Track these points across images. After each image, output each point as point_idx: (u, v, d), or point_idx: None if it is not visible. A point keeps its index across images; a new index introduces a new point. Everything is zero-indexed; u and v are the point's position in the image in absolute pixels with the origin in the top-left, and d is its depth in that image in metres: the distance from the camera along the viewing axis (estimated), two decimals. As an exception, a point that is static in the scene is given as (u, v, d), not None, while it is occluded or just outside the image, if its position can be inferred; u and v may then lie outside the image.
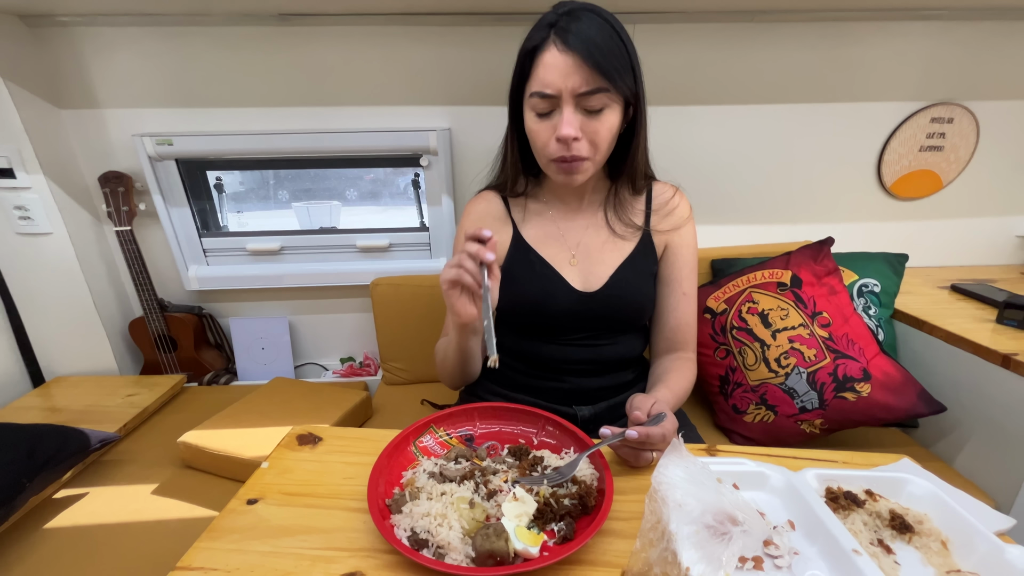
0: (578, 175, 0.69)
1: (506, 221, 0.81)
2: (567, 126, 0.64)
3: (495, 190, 0.83)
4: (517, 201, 0.82)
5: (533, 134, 0.69)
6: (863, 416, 0.94)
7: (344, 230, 1.40)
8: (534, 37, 0.65)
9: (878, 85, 1.25)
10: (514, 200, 0.82)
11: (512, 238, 0.80)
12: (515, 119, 0.73)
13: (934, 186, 1.35)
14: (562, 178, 0.70)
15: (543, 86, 0.64)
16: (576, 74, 0.62)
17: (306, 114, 1.23)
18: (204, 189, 1.36)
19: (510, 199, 0.82)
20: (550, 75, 0.63)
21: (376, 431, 0.67)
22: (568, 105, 0.64)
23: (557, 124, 0.65)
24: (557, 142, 0.66)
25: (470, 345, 0.73)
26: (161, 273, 1.35)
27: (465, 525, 0.48)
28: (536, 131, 0.68)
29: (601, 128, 0.66)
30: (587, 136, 0.66)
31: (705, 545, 0.42)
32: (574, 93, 0.63)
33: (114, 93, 1.18)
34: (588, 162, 0.68)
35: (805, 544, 0.47)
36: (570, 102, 0.64)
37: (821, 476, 0.54)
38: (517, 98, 0.70)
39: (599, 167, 0.72)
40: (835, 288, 1.02)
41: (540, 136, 0.68)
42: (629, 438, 0.55)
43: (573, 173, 0.69)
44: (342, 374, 1.46)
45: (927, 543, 0.47)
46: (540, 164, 0.73)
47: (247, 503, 0.54)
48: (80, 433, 0.91)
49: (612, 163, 0.77)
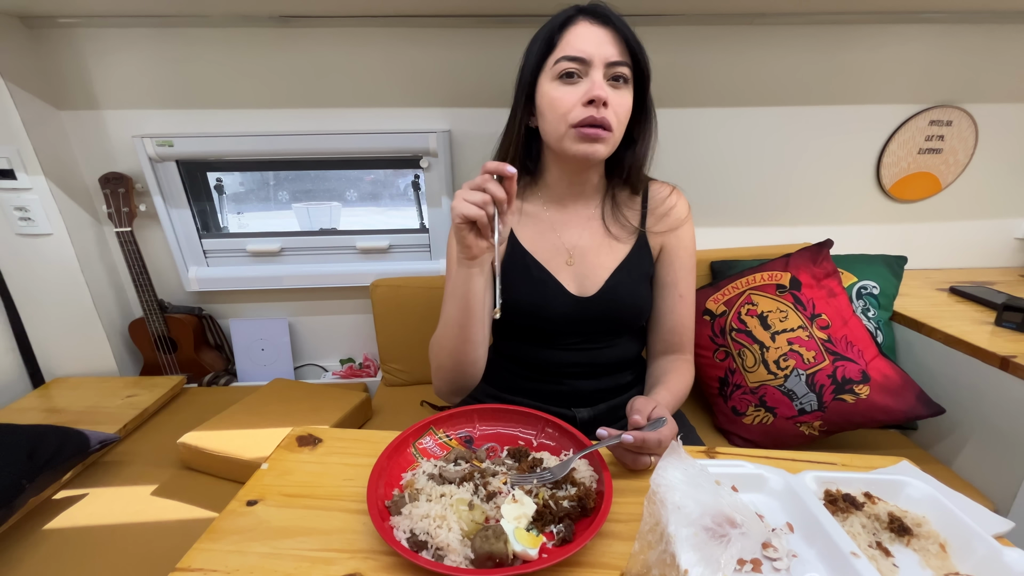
0: (600, 145, 0.67)
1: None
2: (601, 87, 0.64)
3: None
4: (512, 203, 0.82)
5: (555, 101, 0.67)
6: (862, 418, 0.94)
7: (344, 231, 1.41)
8: (561, 16, 0.68)
9: (877, 88, 1.26)
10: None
11: (508, 241, 0.79)
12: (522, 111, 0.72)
13: (933, 188, 1.36)
14: (583, 147, 0.67)
15: (576, 51, 0.65)
16: (609, 44, 0.65)
17: (306, 116, 1.23)
18: (204, 190, 1.36)
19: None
20: (584, 43, 0.65)
21: (376, 432, 0.67)
22: (598, 72, 0.65)
23: (587, 88, 0.65)
24: (585, 106, 0.65)
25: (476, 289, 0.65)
26: (161, 274, 1.35)
27: (464, 527, 0.48)
28: (558, 97, 0.66)
29: (623, 101, 0.67)
30: (612, 105, 0.66)
31: (704, 547, 0.42)
32: (606, 61, 0.65)
33: (114, 94, 1.18)
34: (611, 135, 0.67)
35: (803, 546, 0.47)
36: (600, 69, 0.65)
37: (820, 478, 0.54)
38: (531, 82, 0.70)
39: (613, 148, 0.70)
40: (834, 290, 1.03)
41: (564, 101, 0.66)
42: (625, 442, 0.55)
43: (597, 141, 0.67)
44: (342, 375, 1.46)
45: (925, 546, 0.48)
46: (555, 136, 0.69)
47: (247, 504, 0.54)
48: (80, 434, 0.91)
49: (610, 163, 0.77)
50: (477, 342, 0.70)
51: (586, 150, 0.68)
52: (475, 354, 0.71)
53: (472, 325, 0.68)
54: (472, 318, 0.68)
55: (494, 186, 0.56)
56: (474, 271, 0.64)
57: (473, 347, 0.70)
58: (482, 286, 0.66)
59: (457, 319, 0.68)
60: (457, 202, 0.58)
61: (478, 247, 0.60)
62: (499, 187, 0.57)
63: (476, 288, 0.65)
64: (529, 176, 0.81)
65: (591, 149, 0.68)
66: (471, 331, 0.69)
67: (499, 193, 0.56)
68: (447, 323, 0.71)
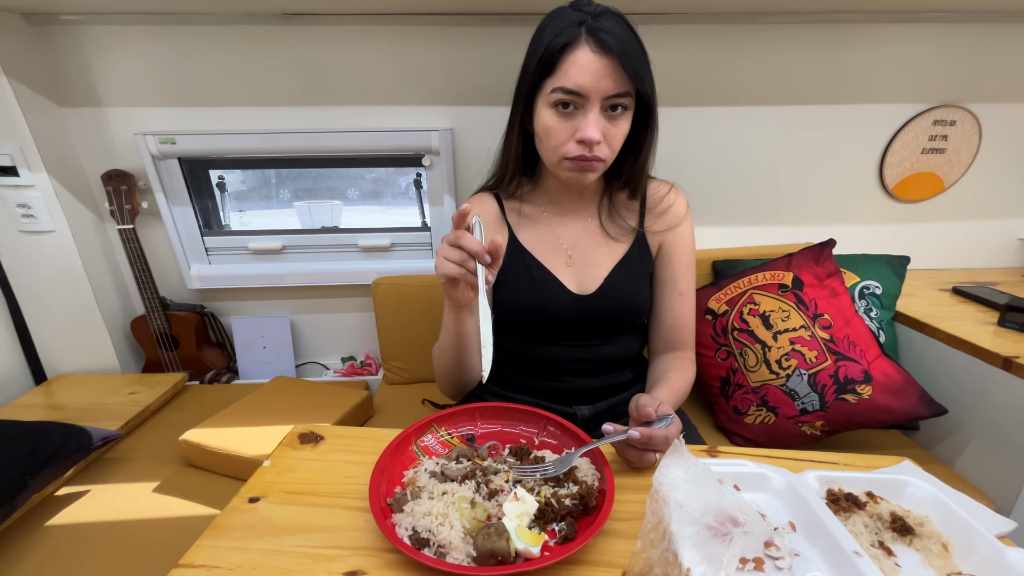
0: (591, 175, 0.69)
1: (502, 224, 0.80)
2: (593, 129, 0.63)
3: (490, 192, 0.83)
4: (512, 204, 0.81)
5: (550, 131, 0.67)
6: (864, 418, 0.94)
7: (346, 229, 1.41)
8: (564, 34, 0.63)
9: (881, 87, 1.25)
10: (508, 202, 0.81)
11: (508, 242, 0.79)
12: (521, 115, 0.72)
13: (936, 188, 1.35)
14: (574, 176, 0.69)
15: (574, 85, 0.62)
16: (609, 78, 0.62)
17: (308, 113, 1.23)
18: (206, 188, 1.36)
19: (505, 201, 0.81)
20: (582, 76, 0.62)
21: (378, 430, 0.67)
22: (595, 108, 0.64)
23: (579, 125, 0.64)
24: (578, 143, 0.65)
25: (468, 329, 0.69)
26: (163, 271, 1.35)
27: (466, 524, 0.48)
28: (554, 129, 0.66)
29: (619, 132, 0.67)
30: (606, 140, 0.66)
31: (706, 546, 0.42)
32: (603, 96, 0.63)
33: (117, 91, 1.18)
34: (603, 164, 0.68)
35: (806, 545, 0.47)
36: (597, 105, 0.63)
37: (822, 478, 0.54)
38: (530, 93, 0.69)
39: (606, 168, 0.71)
40: (836, 290, 1.02)
41: (558, 135, 0.66)
42: (632, 438, 0.55)
43: (587, 172, 0.68)
44: (343, 373, 1.46)
45: (928, 545, 0.48)
46: (548, 162, 0.71)
47: (249, 501, 0.54)
48: (82, 431, 0.92)
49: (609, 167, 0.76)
50: (474, 364, 0.75)
51: (577, 179, 0.69)
52: (474, 371, 0.76)
53: (467, 356, 0.73)
54: (467, 351, 0.72)
55: (468, 240, 0.56)
56: (463, 315, 0.67)
57: (470, 368, 0.75)
58: (474, 325, 0.68)
59: (452, 352, 0.72)
60: (438, 260, 0.59)
61: (464, 298, 0.63)
62: (474, 240, 0.56)
63: (468, 329, 0.69)
64: (528, 177, 0.81)
65: (582, 178, 0.69)
66: (467, 361, 0.74)
67: (473, 246, 0.56)
68: (443, 349, 0.74)
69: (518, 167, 0.77)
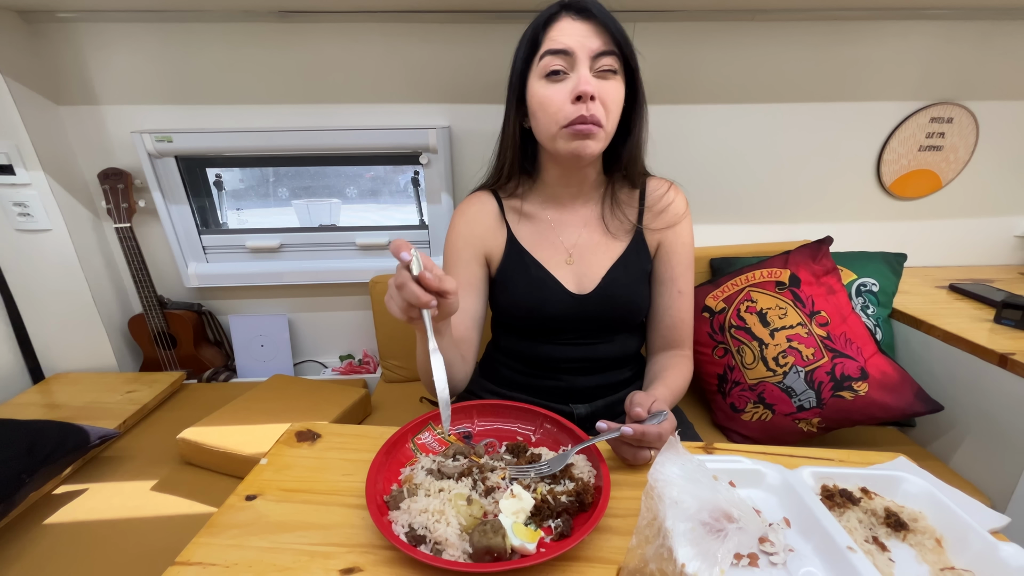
0: (591, 142, 0.67)
1: (500, 223, 0.80)
2: (585, 83, 0.63)
3: (489, 191, 0.82)
4: (511, 203, 0.81)
5: (544, 100, 0.66)
6: (860, 415, 0.94)
7: (344, 228, 1.41)
8: (545, 13, 0.68)
9: (878, 84, 1.26)
10: (507, 201, 0.81)
11: (507, 241, 0.79)
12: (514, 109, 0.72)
13: (933, 186, 1.36)
14: (575, 145, 0.67)
15: (559, 44, 0.65)
16: (592, 37, 0.64)
17: (306, 111, 1.23)
18: (204, 186, 1.36)
19: (504, 200, 0.81)
20: (565, 36, 0.65)
21: (375, 428, 0.67)
22: (584, 64, 0.64)
23: (573, 84, 0.64)
24: (574, 103, 0.65)
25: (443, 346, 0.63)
26: (161, 270, 1.35)
27: (463, 521, 0.48)
28: (547, 96, 0.66)
29: (613, 92, 0.66)
30: (601, 99, 0.65)
31: (701, 542, 0.42)
32: (590, 54, 0.64)
33: (113, 89, 1.18)
34: (601, 131, 0.67)
35: (800, 541, 0.47)
36: (586, 62, 0.64)
37: (817, 474, 0.54)
38: (520, 81, 0.70)
39: (606, 143, 0.70)
40: (833, 287, 1.03)
41: (553, 100, 0.65)
42: (625, 435, 0.56)
43: (588, 138, 0.66)
44: (341, 372, 1.46)
45: (922, 541, 0.48)
46: (547, 138, 0.69)
47: (246, 499, 0.54)
48: (79, 429, 0.92)
49: (608, 158, 0.76)
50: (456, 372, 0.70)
51: (578, 148, 0.67)
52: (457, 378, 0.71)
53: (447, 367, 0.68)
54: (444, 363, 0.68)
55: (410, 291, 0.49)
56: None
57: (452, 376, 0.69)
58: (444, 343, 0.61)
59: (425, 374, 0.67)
60: (386, 299, 0.53)
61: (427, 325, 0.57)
62: (417, 290, 0.49)
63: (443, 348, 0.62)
64: (527, 176, 0.80)
65: (583, 146, 0.67)
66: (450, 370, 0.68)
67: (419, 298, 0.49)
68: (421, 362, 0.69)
69: (515, 165, 0.77)
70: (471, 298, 0.78)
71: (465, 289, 0.78)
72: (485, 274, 0.81)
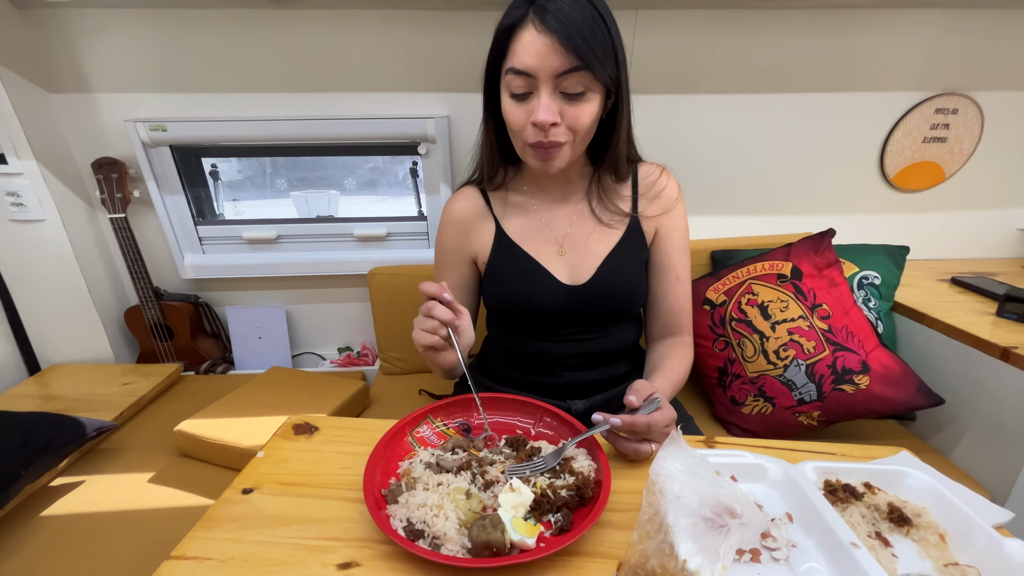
0: (555, 161, 0.67)
1: (487, 217, 0.79)
2: (544, 111, 0.61)
3: (475, 185, 0.81)
4: (497, 194, 0.80)
5: (509, 116, 0.66)
6: (861, 408, 0.94)
7: (342, 219, 1.39)
8: (511, 14, 0.62)
9: (882, 75, 1.24)
10: (494, 194, 0.80)
11: (495, 235, 0.78)
12: (491, 103, 0.71)
13: (936, 178, 1.34)
14: (538, 164, 0.68)
15: (521, 65, 0.60)
16: (554, 55, 0.59)
17: (303, 100, 1.21)
18: (199, 176, 1.34)
19: (490, 193, 0.80)
20: (527, 56, 0.60)
21: (373, 421, 0.66)
22: (546, 88, 0.61)
23: (534, 108, 0.62)
24: (533, 127, 0.63)
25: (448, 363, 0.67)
26: (156, 261, 1.34)
27: (461, 516, 0.48)
28: (512, 113, 0.65)
29: (581, 114, 0.63)
30: (566, 122, 0.63)
31: (703, 537, 0.41)
32: (552, 75, 0.60)
33: (106, 77, 1.16)
34: (566, 147, 0.66)
35: (803, 536, 0.46)
36: (548, 84, 0.61)
37: (820, 469, 0.54)
38: (493, 80, 0.67)
39: (579, 153, 0.69)
40: (835, 280, 1.02)
41: (516, 120, 0.65)
42: (614, 426, 0.55)
43: (550, 159, 0.66)
44: (339, 364, 1.45)
45: (925, 536, 0.47)
46: (516, 149, 0.70)
47: (242, 492, 0.54)
48: (75, 421, 0.91)
49: (594, 148, 0.74)
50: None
51: (542, 167, 0.68)
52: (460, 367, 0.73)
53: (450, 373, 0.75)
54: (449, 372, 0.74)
55: (440, 311, 0.60)
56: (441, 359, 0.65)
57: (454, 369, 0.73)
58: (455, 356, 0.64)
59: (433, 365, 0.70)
60: (415, 333, 0.62)
61: (447, 362, 0.64)
62: (445, 310, 0.60)
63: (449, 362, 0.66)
64: (512, 164, 0.78)
65: (546, 166, 0.68)
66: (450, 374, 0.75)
67: (445, 316, 0.59)
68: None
69: (496, 157, 0.76)
70: (462, 298, 0.81)
71: (457, 291, 0.81)
72: (475, 273, 0.82)
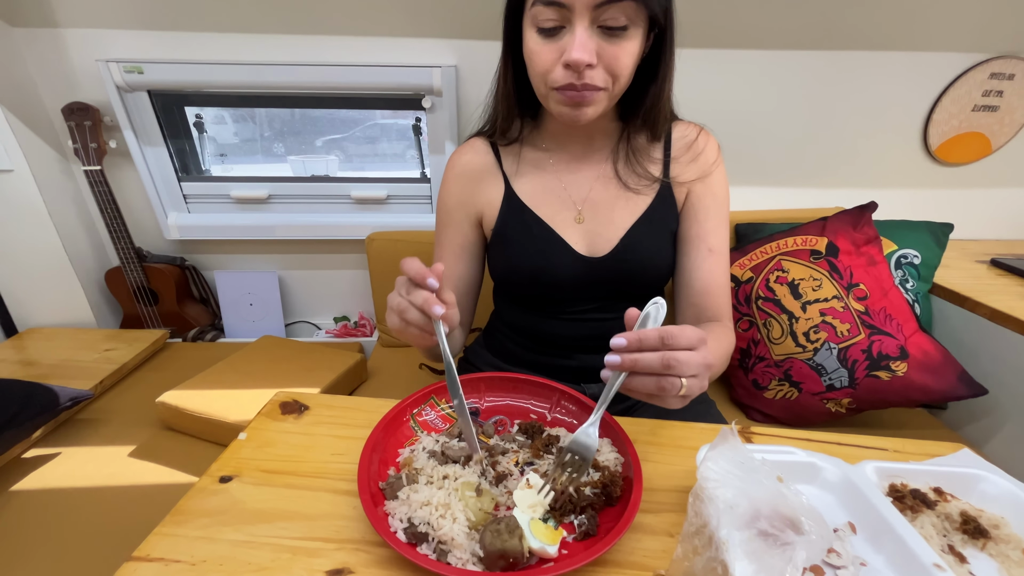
0: (588, 108, 0.56)
1: (496, 175, 0.69)
2: (579, 49, 0.50)
3: (485, 137, 0.70)
4: (510, 150, 0.69)
5: (533, 56, 0.55)
6: (897, 396, 0.87)
7: (337, 179, 1.29)
8: None
9: (935, 32, 1.12)
10: (506, 149, 0.69)
11: (504, 195, 0.68)
12: (511, 40, 0.60)
13: (982, 151, 1.24)
14: (566, 111, 0.57)
15: None
16: None
17: (295, 43, 1.09)
18: (183, 127, 1.23)
19: (502, 148, 0.69)
20: None
21: (370, 400, 0.59)
22: (582, 20, 0.50)
23: (566, 45, 0.52)
24: (565, 68, 0.53)
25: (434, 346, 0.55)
26: (138, 219, 1.24)
27: (471, 517, 0.41)
28: (537, 52, 0.54)
29: (622, 53, 0.53)
30: (604, 63, 0.53)
31: (762, 556, 0.35)
32: (591, 4, 0.50)
33: (76, 10, 1.04)
34: (603, 93, 0.55)
35: (870, 552, 0.40)
36: (585, 16, 0.50)
37: (882, 470, 0.47)
38: (516, 12, 0.57)
39: (614, 102, 0.59)
40: (875, 258, 0.94)
41: (542, 59, 0.54)
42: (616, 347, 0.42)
43: (582, 106, 0.55)
44: (335, 334, 1.39)
45: (1005, 551, 0.41)
46: (538, 95, 0.59)
47: (219, 481, 0.47)
48: (48, 390, 0.84)
49: (624, 101, 0.63)
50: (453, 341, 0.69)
51: (569, 115, 0.57)
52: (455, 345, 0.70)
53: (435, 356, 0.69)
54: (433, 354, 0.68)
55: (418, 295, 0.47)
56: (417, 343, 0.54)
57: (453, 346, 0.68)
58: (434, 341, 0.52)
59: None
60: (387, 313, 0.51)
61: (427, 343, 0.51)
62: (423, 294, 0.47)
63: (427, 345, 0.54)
64: (530, 116, 0.68)
65: (576, 113, 0.56)
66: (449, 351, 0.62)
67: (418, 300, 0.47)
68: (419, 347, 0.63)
69: (512, 106, 0.65)
70: (463, 263, 0.72)
71: (457, 254, 0.72)
72: (479, 236, 0.73)
